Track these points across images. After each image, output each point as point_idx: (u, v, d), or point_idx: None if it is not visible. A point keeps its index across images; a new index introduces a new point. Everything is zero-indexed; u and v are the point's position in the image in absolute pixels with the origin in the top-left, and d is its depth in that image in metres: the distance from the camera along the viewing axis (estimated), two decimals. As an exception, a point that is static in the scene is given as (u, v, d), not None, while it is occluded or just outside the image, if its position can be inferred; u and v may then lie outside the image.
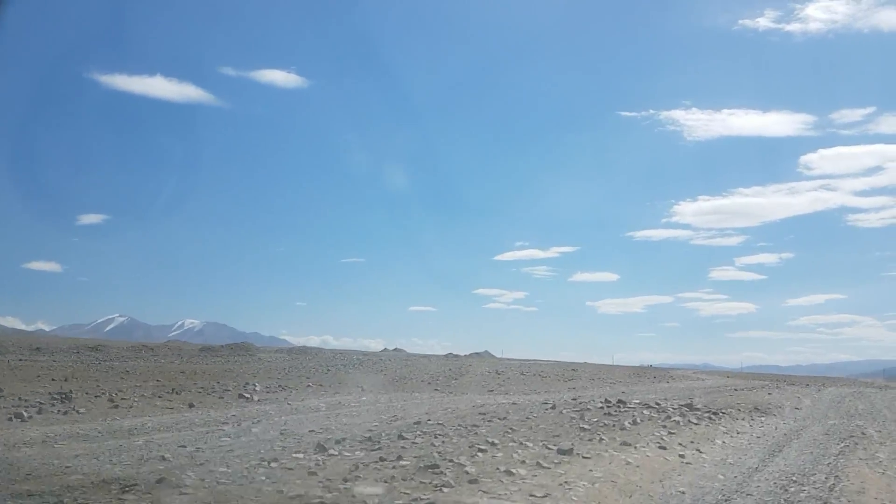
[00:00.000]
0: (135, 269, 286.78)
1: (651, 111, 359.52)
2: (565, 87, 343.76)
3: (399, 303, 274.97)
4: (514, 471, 9.94)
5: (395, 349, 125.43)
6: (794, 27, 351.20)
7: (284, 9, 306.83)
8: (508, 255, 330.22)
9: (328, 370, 39.01)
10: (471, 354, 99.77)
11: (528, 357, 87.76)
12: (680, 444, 13.23)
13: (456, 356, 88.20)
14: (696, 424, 16.08)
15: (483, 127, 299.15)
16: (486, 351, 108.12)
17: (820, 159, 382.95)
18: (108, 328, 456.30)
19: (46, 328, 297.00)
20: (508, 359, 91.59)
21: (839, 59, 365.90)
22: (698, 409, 18.51)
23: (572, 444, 12.19)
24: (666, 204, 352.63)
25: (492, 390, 30.48)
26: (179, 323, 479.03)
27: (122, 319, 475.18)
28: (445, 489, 8.85)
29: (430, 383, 32.73)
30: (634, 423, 15.60)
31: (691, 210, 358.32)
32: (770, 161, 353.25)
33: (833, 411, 22.59)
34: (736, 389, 32.09)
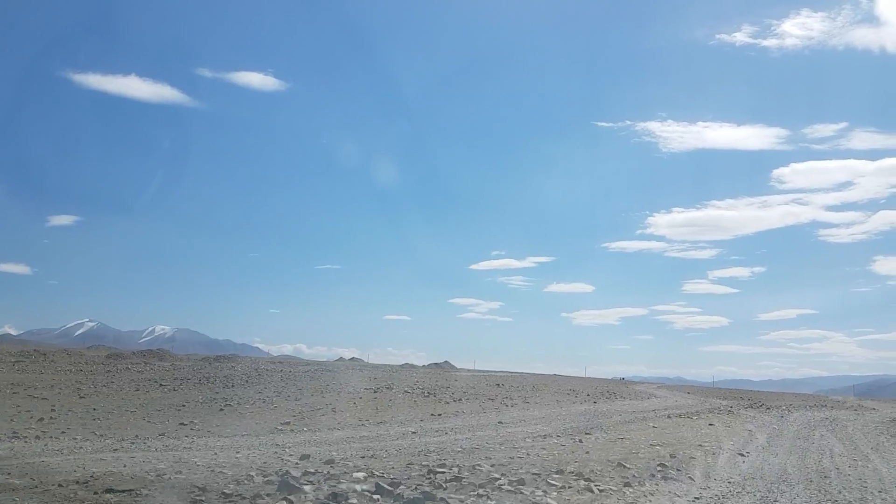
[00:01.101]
0: (106, 273, 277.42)
1: (627, 122, 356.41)
2: (542, 96, 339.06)
3: (374, 311, 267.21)
4: None
5: (352, 359, 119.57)
6: (770, 42, 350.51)
7: (262, 11, 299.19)
8: (484, 265, 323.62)
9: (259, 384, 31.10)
10: (429, 365, 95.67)
11: (498, 368, 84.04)
12: None
13: (412, 366, 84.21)
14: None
15: (459, 136, 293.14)
16: (445, 361, 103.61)
17: (792, 173, 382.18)
18: (77, 333, 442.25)
19: (14, 332, 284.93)
20: (469, 370, 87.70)
21: (814, 74, 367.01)
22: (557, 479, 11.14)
23: None
24: (641, 215, 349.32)
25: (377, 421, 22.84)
26: (150, 329, 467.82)
27: (91, 325, 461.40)
28: None
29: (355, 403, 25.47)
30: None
31: (665, 222, 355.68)
32: (743, 174, 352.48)
33: (796, 459, 15.05)
34: (673, 416, 24.76)
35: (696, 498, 10.38)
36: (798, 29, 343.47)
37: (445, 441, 16.00)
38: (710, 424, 21.05)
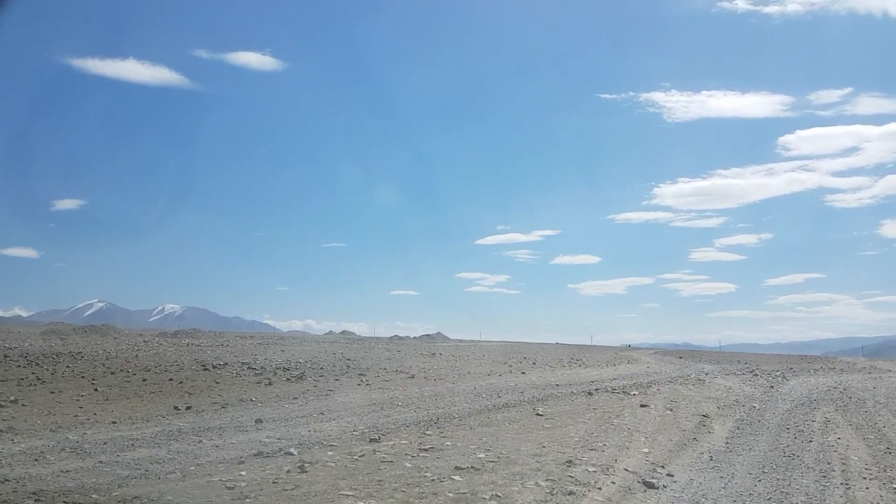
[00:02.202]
0: (114, 254, 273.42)
1: (631, 93, 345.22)
2: (545, 70, 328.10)
3: (381, 287, 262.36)
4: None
5: (343, 332, 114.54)
6: (772, 9, 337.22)
7: None
8: (490, 240, 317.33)
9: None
10: (421, 336, 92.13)
11: (502, 339, 79.37)
12: None
13: (401, 338, 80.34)
14: None
15: (464, 111, 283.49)
16: (438, 333, 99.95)
17: (798, 140, 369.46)
18: (86, 313, 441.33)
19: (24, 314, 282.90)
20: (462, 341, 79.60)
21: (816, 40, 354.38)
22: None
23: None
24: (646, 186, 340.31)
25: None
26: (160, 308, 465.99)
27: (101, 305, 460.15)
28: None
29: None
30: None
31: (671, 192, 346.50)
32: (749, 142, 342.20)
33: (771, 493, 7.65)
34: (610, 390, 17.23)
35: None
36: None
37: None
38: (643, 406, 13.55)
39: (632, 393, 15.96)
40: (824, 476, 7.95)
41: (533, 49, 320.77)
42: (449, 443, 9.04)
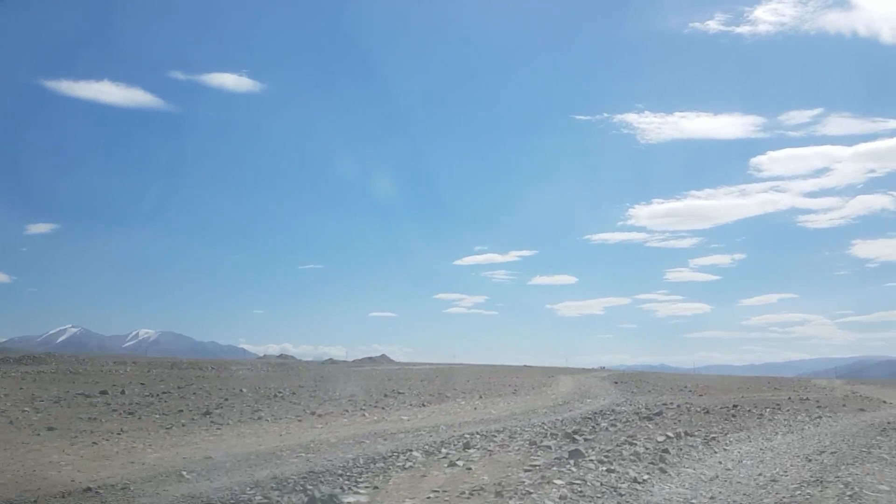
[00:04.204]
0: (87, 279, 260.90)
1: (605, 115, 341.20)
2: (520, 91, 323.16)
3: (359, 309, 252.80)
4: None
5: (281, 355, 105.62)
6: (743, 29, 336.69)
7: (232, 11, 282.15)
8: (468, 260, 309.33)
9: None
10: (363, 359, 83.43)
11: (477, 360, 70.43)
12: None
13: (334, 362, 71.22)
14: None
15: (439, 133, 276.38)
16: (382, 355, 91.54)
17: (769, 161, 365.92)
18: (59, 339, 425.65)
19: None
20: (406, 364, 72.46)
21: (787, 61, 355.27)
22: None
23: None
24: (621, 207, 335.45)
25: None
26: (134, 333, 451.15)
27: (74, 330, 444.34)
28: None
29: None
30: None
31: (646, 213, 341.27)
32: (721, 163, 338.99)
33: None
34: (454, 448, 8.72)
35: None
36: (770, 15, 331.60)
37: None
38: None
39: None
40: None
41: (508, 70, 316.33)
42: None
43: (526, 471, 8.27)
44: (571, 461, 8.84)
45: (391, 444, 10.59)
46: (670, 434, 11.88)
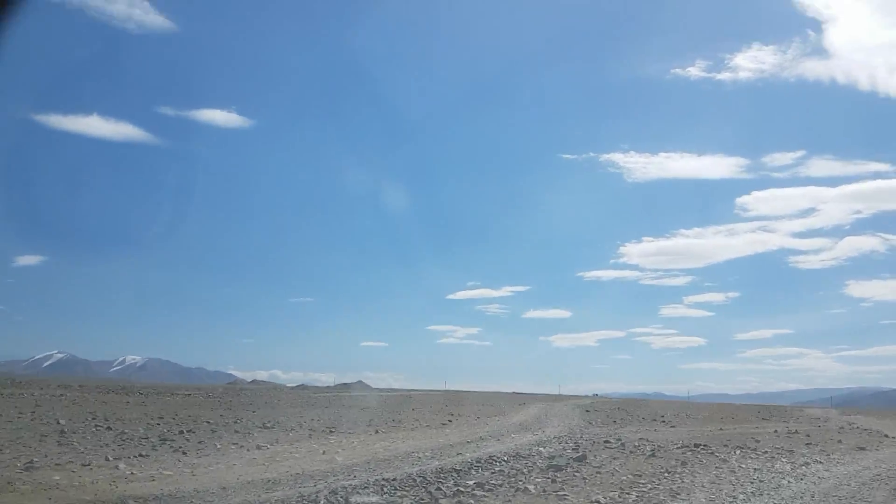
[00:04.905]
0: (74, 306, 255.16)
1: (591, 154, 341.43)
2: (510, 130, 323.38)
3: (350, 338, 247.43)
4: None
5: (253, 381, 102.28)
6: (724, 76, 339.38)
7: (222, 49, 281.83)
8: (461, 295, 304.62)
9: None
10: (338, 385, 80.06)
11: (473, 388, 66.77)
12: None
13: (306, 387, 68.58)
14: None
15: (432, 170, 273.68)
16: (359, 381, 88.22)
17: (755, 201, 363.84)
18: (45, 364, 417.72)
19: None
20: (385, 389, 68.65)
21: (768, 105, 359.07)
22: None
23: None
24: (612, 245, 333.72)
25: None
26: (121, 359, 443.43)
27: (60, 356, 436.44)
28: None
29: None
30: None
31: (637, 251, 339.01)
32: (708, 203, 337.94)
33: None
34: None
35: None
36: (750, 62, 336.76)
37: None
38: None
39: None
40: None
41: (496, 111, 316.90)
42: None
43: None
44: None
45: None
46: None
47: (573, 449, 12.10)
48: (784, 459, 11.83)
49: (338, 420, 19.72)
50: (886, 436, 20.04)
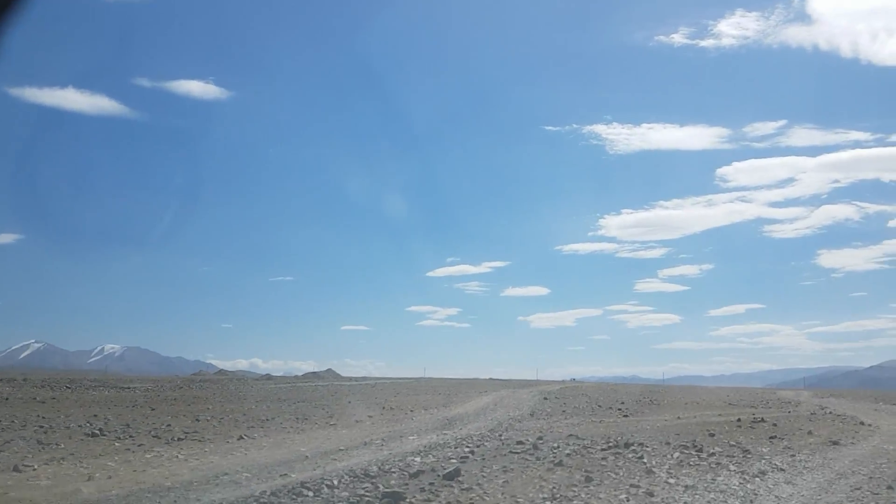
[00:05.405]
0: (51, 293, 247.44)
1: (574, 125, 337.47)
2: (491, 101, 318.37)
3: (331, 322, 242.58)
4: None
5: (220, 371, 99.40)
6: (707, 43, 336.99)
7: (199, 19, 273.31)
8: (440, 271, 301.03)
9: None
10: (306, 374, 77.63)
11: (451, 374, 68.28)
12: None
13: (271, 377, 64.97)
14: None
15: (412, 144, 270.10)
16: (328, 370, 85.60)
17: (735, 172, 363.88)
18: (22, 355, 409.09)
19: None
20: (354, 378, 65.94)
21: (751, 73, 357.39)
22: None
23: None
24: (592, 217, 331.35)
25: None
26: (99, 348, 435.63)
27: (38, 346, 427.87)
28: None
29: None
30: None
31: (616, 223, 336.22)
32: (688, 174, 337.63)
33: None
34: None
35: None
36: (733, 29, 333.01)
37: None
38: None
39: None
40: None
41: (478, 81, 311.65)
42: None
43: None
44: None
45: None
46: None
47: (461, 458, 9.23)
48: (733, 468, 8.97)
49: (247, 418, 16.73)
50: (862, 423, 17.55)
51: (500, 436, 12.62)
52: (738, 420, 17.29)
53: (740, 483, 7.87)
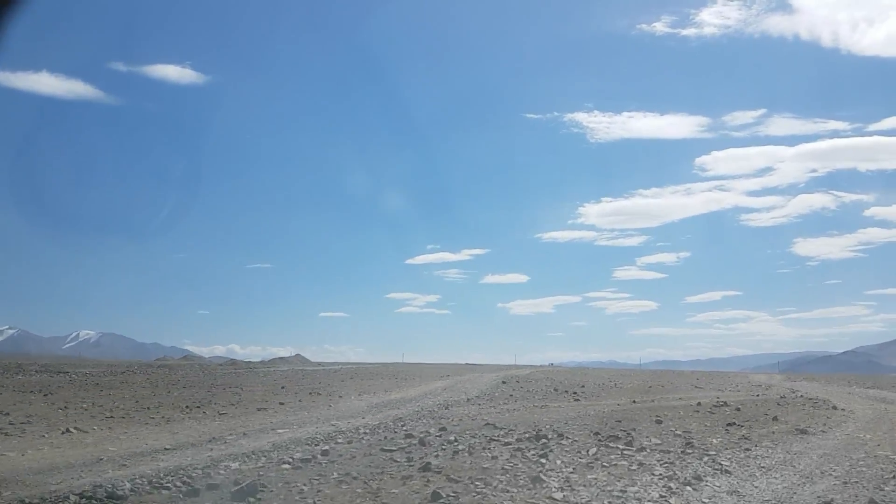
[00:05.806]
0: (25, 279, 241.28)
1: (556, 113, 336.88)
2: (471, 88, 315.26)
3: (309, 309, 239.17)
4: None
5: (185, 357, 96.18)
6: (689, 31, 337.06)
7: (178, 2, 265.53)
8: (420, 259, 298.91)
9: None
10: (273, 360, 74.30)
11: (424, 360, 63.05)
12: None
13: (234, 363, 62.31)
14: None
15: (390, 131, 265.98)
16: (297, 355, 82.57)
17: (714, 161, 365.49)
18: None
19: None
20: (324, 363, 64.75)
21: (732, 62, 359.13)
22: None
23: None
24: (572, 205, 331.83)
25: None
26: (74, 334, 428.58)
27: (11, 332, 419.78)
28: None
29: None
30: None
31: (595, 211, 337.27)
32: (667, 163, 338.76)
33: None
34: None
35: None
36: (715, 17, 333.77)
37: None
38: None
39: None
40: None
41: (459, 69, 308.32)
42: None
43: None
44: None
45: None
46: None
47: (301, 461, 6.92)
48: (660, 470, 6.66)
49: (131, 407, 14.29)
50: (835, 407, 15.58)
51: (407, 426, 10.39)
52: (698, 404, 15.24)
53: (661, 496, 5.58)
